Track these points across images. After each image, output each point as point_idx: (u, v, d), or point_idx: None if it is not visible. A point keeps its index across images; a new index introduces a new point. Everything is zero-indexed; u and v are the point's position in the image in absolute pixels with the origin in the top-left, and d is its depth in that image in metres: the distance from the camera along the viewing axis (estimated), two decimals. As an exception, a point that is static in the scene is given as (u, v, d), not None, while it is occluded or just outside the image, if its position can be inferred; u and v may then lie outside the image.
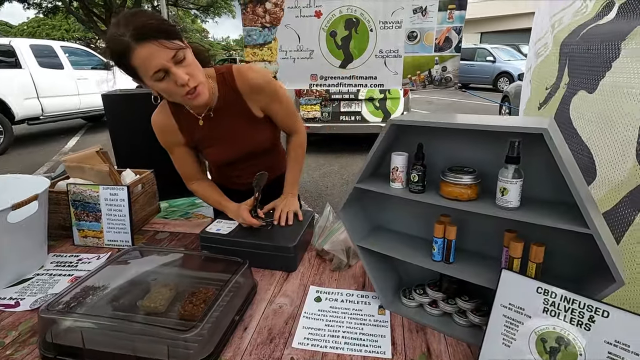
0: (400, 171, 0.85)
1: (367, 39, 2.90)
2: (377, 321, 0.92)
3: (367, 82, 3.01)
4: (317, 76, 3.04)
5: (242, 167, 1.36)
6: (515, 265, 0.74)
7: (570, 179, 0.62)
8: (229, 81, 1.17)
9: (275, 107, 1.24)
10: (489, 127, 0.69)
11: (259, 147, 1.30)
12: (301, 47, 2.98)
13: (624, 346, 0.60)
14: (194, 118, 1.20)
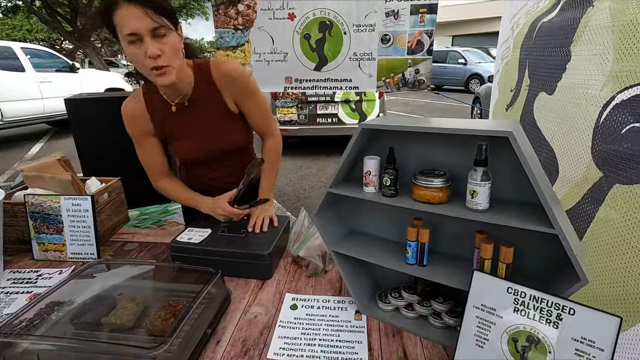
0: (373, 175, 0.85)
1: (341, 42, 2.91)
2: (353, 327, 0.91)
3: (342, 85, 3.02)
4: (291, 79, 3.02)
5: (212, 168, 1.32)
6: (486, 266, 0.75)
7: (535, 180, 0.63)
8: (204, 72, 1.17)
9: (250, 103, 1.23)
10: (457, 130, 0.69)
11: (231, 145, 1.27)
12: (275, 50, 2.96)
13: (589, 342, 0.61)
14: (168, 106, 1.18)
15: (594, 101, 1.08)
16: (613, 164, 1.02)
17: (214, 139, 1.23)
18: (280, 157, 1.35)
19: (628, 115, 0.96)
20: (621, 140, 0.99)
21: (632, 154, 0.95)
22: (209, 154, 1.27)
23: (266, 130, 1.32)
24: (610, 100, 1.02)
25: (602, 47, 1.07)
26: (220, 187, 1.33)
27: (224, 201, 1.22)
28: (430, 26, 2.81)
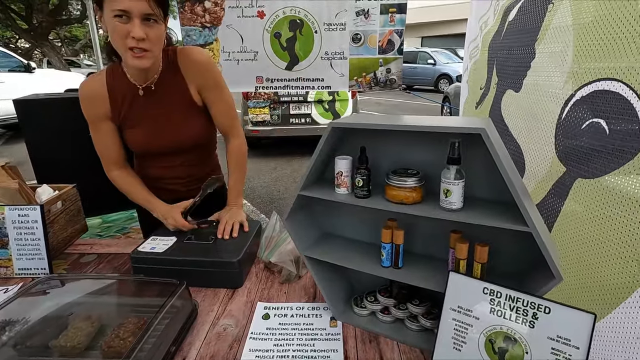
0: (344, 176, 0.81)
1: (312, 41, 2.88)
2: (329, 335, 0.87)
3: (314, 84, 2.98)
4: (262, 78, 2.95)
5: (168, 165, 1.24)
6: (461, 266, 0.74)
7: (508, 178, 0.62)
8: (171, 58, 1.13)
9: (215, 96, 1.18)
10: (429, 128, 0.67)
11: (190, 139, 1.20)
12: (245, 49, 2.88)
13: (565, 341, 0.61)
14: (133, 89, 1.12)
15: (556, 98, 1.11)
16: (575, 158, 1.04)
17: (172, 130, 1.17)
18: (246, 159, 1.29)
19: (587, 111, 0.98)
20: (581, 136, 1.01)
21: (592, 149, 0.97)
22: (164, 147, 1.19)
23: (231, 130, 1.25)
24: (570, 97, 1.04)
25: (562, 45, 1.09)
26: (175, 190, 1.27)
27: (177, 211, 1.16)
28: (400, 26, 2.83)
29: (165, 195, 1.26)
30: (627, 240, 0.87)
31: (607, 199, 0.92)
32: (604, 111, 0.92)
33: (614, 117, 0.90)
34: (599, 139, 0.94)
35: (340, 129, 0.82)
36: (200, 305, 0.97)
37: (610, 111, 0.90)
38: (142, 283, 1.00)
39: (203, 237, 1.15)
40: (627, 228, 0.87)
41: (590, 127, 0.96)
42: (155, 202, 1.22)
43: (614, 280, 0.90)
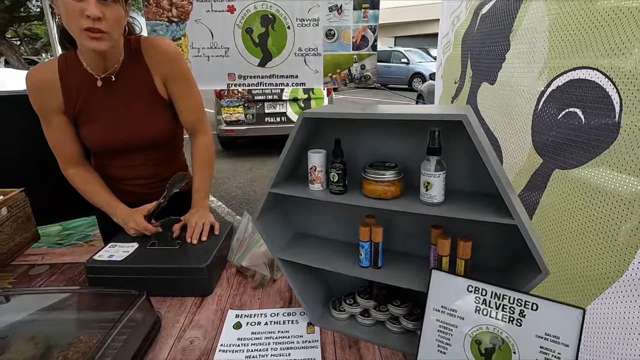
0: (318, 171, 0.75)
1: (285, 37, 2.80)
2: (306, 342, 0.81)
3: (288, 81, 2.92)
4: (235, 75, 2.86)
5: (128, 163, 1.15)
6: (444, 263, 0.69)
7: (491, 167, 0.58)
8: (135, 47, 1.04)
9: (182, 90, 1.09)
10: (408, 116, 0.62)
11: (153, 135, 1.11)
12: (215, 44, 2.78)
13: (554, 338, 0.57)
14: (90, 79, 1.02)
15: (532, 89, 1.09)
16: (552, 150, 1.03)
17: (133, 124, 1.07)
18: (213, 158, 1.20)
19: (564, 100, 0.97)
20: (558, 126, 0.99)
21: (569, 139, 0.96)
22: (124, 143, 1.09)
23: (198, 127, 1.16)
24: (546, 87, 1.03)
25: (537, 36, 1.08)
26: (140, 192, 1.17)
27: (140, 214, 1.07)
28: (374, 22, 2.81)
29: (127, 198, 1.16)
30: (606, 231, 0.86)
31: (585, 190, 0.91)
32: (580, 100, 0.90)
33: (589, 106, 0.89)
34: (575, 128, 0.93)
35: (313, 121, 0.77)
36: (164, 317, 0.89)
37: (586, 100, 0.89)
38: (97, 295, 0.91)
39: (168, 242, 1.06)
40: (605, 218, 0.86)
41: (566, 116, 0.94)
42: (116, 204, 1.12)
43: (594, 272, 0.89)
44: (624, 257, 0.81)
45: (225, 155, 5.55)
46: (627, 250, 0.80)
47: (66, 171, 1.12)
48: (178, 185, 1.07)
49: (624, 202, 0.81)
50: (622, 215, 0.82)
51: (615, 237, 0.84)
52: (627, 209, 0.81)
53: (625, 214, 0.81)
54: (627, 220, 0.81)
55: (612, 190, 0.84)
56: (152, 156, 1.16)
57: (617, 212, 0.83)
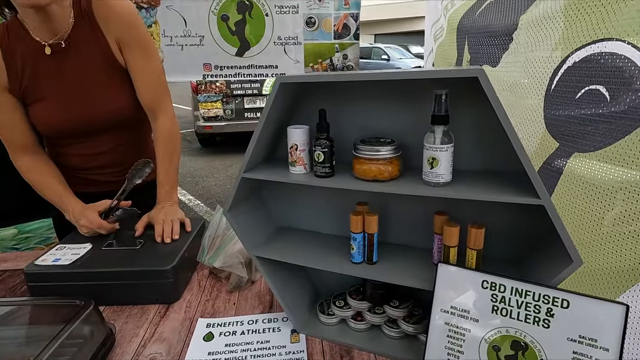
0: (300, 150, 0.63)
1: (264, 25, 2.66)
2: (290, 353, 0.69)
3: (267, 72, 2.78)
4: (211, 65, 2.69)
5: (88, 150, 1.00)
6: (452, 255, 0.59)
7: (513, 135, 0.47)
8: (85, 7, 0.89)
9: (139, 59, 0.93)
10: (407, 75, 0.51)
11: (115, 113, 0.96)
12: (189, 33, 2.61)
13: (590, 341, 0.47)
14: (37, 47, 0.88)
15: (543, 67, 0.99)
16: (569, 132, 0.93)
17: (91, 100, 0.92)
18: (179, 143, 1.04)
19: (583, 77, 0.86)
20: (575, 106, 0.90)
21: (591, 119, 0.86)
22: (81, 124, 0.94)
23: (157, 105, 0.99)
24: (561, 64, 0.93)
25: (551, 11, 0.98)
26: (106, 181, 1.02)
27: (93, 211, 0.92)
28: (355, 9, 2.71)
29: (92, 188, 1.02)
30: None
31: (610, 173, 0.81)
32: (603, 76, 0.80)
33: (614, 82, 0.78)
34: (598, 107, 0.83)
35: (292, 90, 0.64)
36: (120, 330, 0.75)
37: (611, 76, 0.79)
38: (37, 307, 0.75)
39: (128, 241, 0.91)
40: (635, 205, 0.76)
41: (586, 94, 0.85)
42: (69, 199, 0.96)
43: (624, 263, 0.79)
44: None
45: (204, 153, 5.34)
46: None
47: (16, 161, 0.97)
48: (140, 175, 0.93)
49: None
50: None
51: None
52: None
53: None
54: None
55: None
56: (117, 141, 1.01)
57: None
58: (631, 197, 0.76)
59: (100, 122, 0.95)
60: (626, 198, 0.77)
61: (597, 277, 0.86)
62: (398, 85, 0.62)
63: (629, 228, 0.77)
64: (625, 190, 0.77)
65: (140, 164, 0.92)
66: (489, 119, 0.57)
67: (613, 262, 0.81)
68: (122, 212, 0.93)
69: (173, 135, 1.01)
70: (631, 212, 0.76)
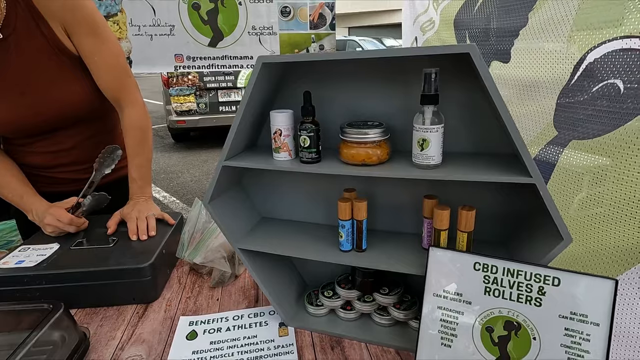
0: (284, 135, 0.60)
1: (237, 14, 2.59)
2: (278, 347, 0.67)
3: (242, 63, 2.70)
4: (183, 57, 2.59)
5: (49, 148, 0.92)
6: (442, 239, 0.58)
7: (506, 114, 0.46)
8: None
9: (89, 42, 0.84)
10: (396, 52, 0.48)
11: (71, 107, 0.87)
12: (158, 22, 2.49)
13: (581, 317, 0.48)
14: None
15: (562, 63, 0.98)
16: (571, 122, 0.94)
17: (43, 94, 0.83)
18: (151, 133, 0.97)
19: (602, 72, 0.87)
20: (592, 99, 0.90)
21: (601, 110, 0.86)
22: (34, 121, 0.86)
23: (121, 94, 0.91)
24: (581, 59, 0.93)
25: (564, 9, 0.98)
26: (74, 178, 0.95)
27: (60, 208, 0.86)
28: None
29: (59, 187, 0.95)
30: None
31: (613, 155, 0.82)
32: (621, 72, 0.81)
33: (632, 76, 0.79)
34: (611, 99, 0.84)
35: (275, 72, 0.61)
36: (95, 334, 0.70)
37: (629, 71, 0.79)
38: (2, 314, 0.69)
39: (100, 239, 0.86)
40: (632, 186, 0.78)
41: (604, 88, 0.86)
42: (31, 198, 0.89)
43: (622, 243, 0.81)
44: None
45: (178, 148, 5.18)
46: None
47: None
48: (109, 163, 0.86)
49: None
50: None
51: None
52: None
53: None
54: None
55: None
56: (81, 135, 0.94)
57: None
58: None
59: (57, 117, 0.87)
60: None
61: (567, 261, 0.88)
62: (385, 66, 0.60)
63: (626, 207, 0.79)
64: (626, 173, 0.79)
65: (107, 150, 0.86)
66: (478, 99, 0.57)
67: (611, 240, 0.84)
68: (90, 200, 0.87)
69: (143, 125, 0.94)
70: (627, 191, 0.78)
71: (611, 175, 0.83)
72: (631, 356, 0.82)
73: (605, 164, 0.85)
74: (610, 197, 0.84)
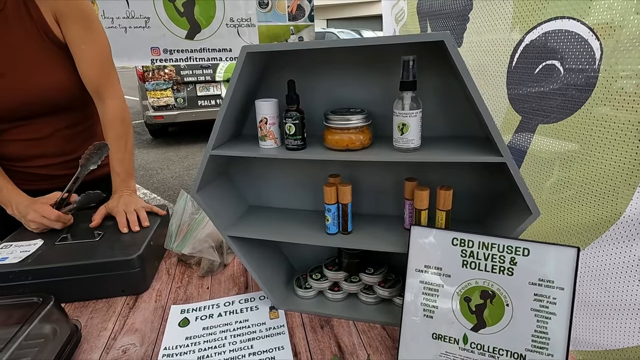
0: (270, 123, 0.62)
1: (214, 5, 2.55)
2: (270, 329, 0.69)
3: (221, 55, 2.67)
4: (159, 50, 2.54)
5: (30, 134, 0.90)
6: (423, 218, 0.61)
7: (478, 98, 0.50)
8: None
9: (77, 31, 0.84)
10: (374, 40, 0.51)
11: (55, 92, 0.87)
12: (132, 14, 2.43)
13: (548, 283, 0.52)
14: None
15: (503, 46, 1.04)
16: (531, 106, 0.99)
17: (25, 76, 0.83)
18: (131, 128, 0.97)
19: (539, 53, 0.92)
20: (534, 81, 0.95)
21: (550, 92, 0.91)
22: (14, 102, 0.84)
23: (103, 87, 0.91)
24: (519, 42, 0.98)
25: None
26: (50, 175, 0.94)
27: (44, 204, 0.85)
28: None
29: (32, 184, 0.93)
30: (600, 177, 0.84)
31: (571, 141, 0.88)
32: (559, 52, 0.86)
33: (569, 57, 0.85)
34: (554, 81, 0.89)
35: (259, 61, 0.62)
36: (86, 325, 0.70)
37: (566, 51, 0.84)
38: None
39: (85, 234, 0.85)
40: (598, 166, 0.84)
41: (544, 69, 0.90)
42: (11, 192, 0.87)
43: (588, 218, 0.87)
44: (620, 200, 0.80)
45: (156, 144, 5.07)
46: (625, 193, 0.79)
47: None
48: (95, 159, 0.86)
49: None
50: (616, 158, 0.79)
51: (612, 182, 0.82)
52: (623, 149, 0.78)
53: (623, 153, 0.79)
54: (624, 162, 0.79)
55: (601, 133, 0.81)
56: (61, 124, 0.92)
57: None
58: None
59: (37, 100, 0.86)
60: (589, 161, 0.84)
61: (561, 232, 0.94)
62: (366, 54, 0.62)
63: (590, 186, 0.85)
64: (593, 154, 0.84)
65: (95, 146, 0.85)
66: (453, 85, 0.60)
67: (578, 216, 0.90)
68: (84, 197, 0.87)
69: (124, 118, 0.94)
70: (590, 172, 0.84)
71: (579, 159, 0.89)
72: (594, 322, 0.90)
73: (573, 149, 0.90)
74: (579, 179, 0.90)
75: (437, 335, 0.57)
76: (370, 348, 0.64)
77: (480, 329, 0.55)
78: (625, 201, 0.81)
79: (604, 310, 0.88)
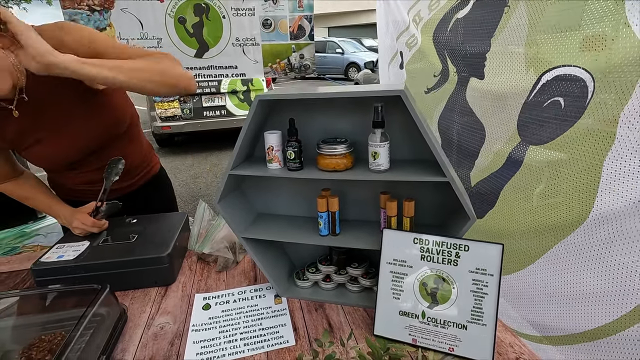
0: (275, 150, 0.81)
1: (221, 27, 2.75)
2: (275, 311, 0.87)
3: (227, 72, 2.87)
4: (170, 68, 2.72)
5: (88, 168, 1.06)
6: (393, 223, 0.80)
7: (427, 134, 0.68)
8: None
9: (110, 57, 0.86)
10: (353, 93, 0.70)
11: (108, 131, 1.01)
12: (146, 35, 2.63)
13: (482, 271, 0.70)
14: (6, 112, 0.86)
15: (522, 84, 1.18)
16: (530, 129, 1.15)
17: (78, 132, 0.97)
18: (173, 81, 0.92)
19: (552, 91, 1.08)
20: (542, 111, 1.12)
21: (548, 120, 1.08)
22: (77, 154, 1.01)
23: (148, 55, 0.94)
24: (537, 81, 1.14)
25: (518, 39, 1.18)
26: (95, 192, 1.12)
27: (84, 213, 1.03)
28: (309, 11, 2.87)
29: (82, 197, 1.10)
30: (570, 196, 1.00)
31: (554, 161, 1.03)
32: (564, 91, 1.03)
33: (570, 95, 1.01)
34: (555, 112, 1.06)
35: (267, 103, 0.81)
36: (129, 309, 0.89)
37: (569, 91, 1.02)
38: (56, 296, 0.87)
39: (122, 237, 1.04)
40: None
41: (551, 104, 1.07)
42: (58, 207, 1.06)
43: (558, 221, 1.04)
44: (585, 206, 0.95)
45: (164, 154, 5.28)
46: (584, 207, 0.95)
47: (2, 186, 1.05)
48: (116, 171, 1.03)
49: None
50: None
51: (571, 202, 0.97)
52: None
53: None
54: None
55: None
56: (112, 152, 1.05)
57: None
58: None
59: (95, 145, 1.01)
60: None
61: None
62: (349, 99, 0.81)
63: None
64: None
65: (113, 161, 1.02)
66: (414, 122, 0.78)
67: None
68: (106, 207, 1.05)
69: (169, 63, 0.92)
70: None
71: (566, 169, 1.03)
72: (560, 310, 1.05)
73: (562, 159, 1.05)
74: (565, 188, 1.04)
75: (403, 312, 0.75)
76: (353, 325, 0.82)
77: (435, 307, 0.73)
78: (589, 208, 0.96)
79: (569, 300, 1.03)
